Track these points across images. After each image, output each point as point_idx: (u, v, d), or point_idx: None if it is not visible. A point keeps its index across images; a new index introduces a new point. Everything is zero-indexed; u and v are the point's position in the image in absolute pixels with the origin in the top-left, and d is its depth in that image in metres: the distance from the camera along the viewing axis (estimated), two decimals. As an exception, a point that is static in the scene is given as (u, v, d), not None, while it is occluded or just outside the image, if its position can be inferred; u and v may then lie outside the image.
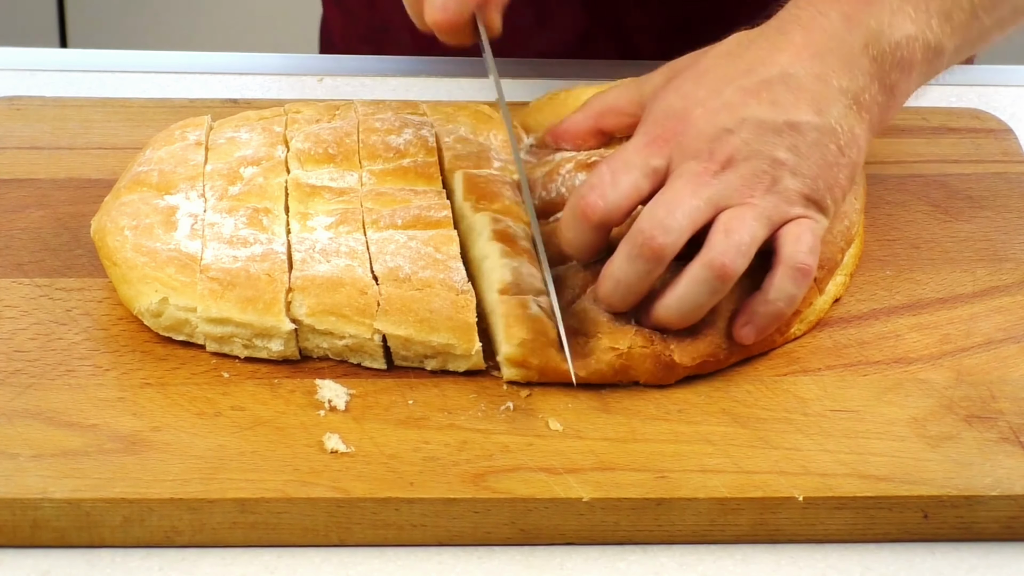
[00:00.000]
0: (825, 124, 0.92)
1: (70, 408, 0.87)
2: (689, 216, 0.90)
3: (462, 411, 0.89)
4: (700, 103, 0.93)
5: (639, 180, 0.92)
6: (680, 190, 0.91)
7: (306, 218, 0.96)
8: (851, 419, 0.89)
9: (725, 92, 0.93)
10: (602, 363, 0.90)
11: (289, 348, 0.91)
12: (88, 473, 0.83)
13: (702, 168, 0.91)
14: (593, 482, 0.84)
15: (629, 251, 0.90)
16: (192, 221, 0.95)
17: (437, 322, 0.89)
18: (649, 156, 0.93)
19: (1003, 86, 1.27)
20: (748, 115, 0.92)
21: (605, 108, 1.04)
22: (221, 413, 0.88)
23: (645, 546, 0.84)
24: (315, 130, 1.03)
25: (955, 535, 0.85)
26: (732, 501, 0.83)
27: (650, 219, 0.90)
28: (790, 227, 0.91)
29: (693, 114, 0.93)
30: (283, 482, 0.83)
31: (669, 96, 0.95)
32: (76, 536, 0.83)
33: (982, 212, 1.07)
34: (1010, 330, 0.96)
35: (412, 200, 0.97)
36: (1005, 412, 0.89)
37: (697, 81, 0.95)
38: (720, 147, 0.91)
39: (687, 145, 0.92)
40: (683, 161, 0.92)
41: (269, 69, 1.27)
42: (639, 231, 0.90)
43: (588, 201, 0.92)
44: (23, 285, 0.96)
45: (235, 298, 0.90)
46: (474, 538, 0.84)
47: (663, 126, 0.94)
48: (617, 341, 0.90)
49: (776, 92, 0.92)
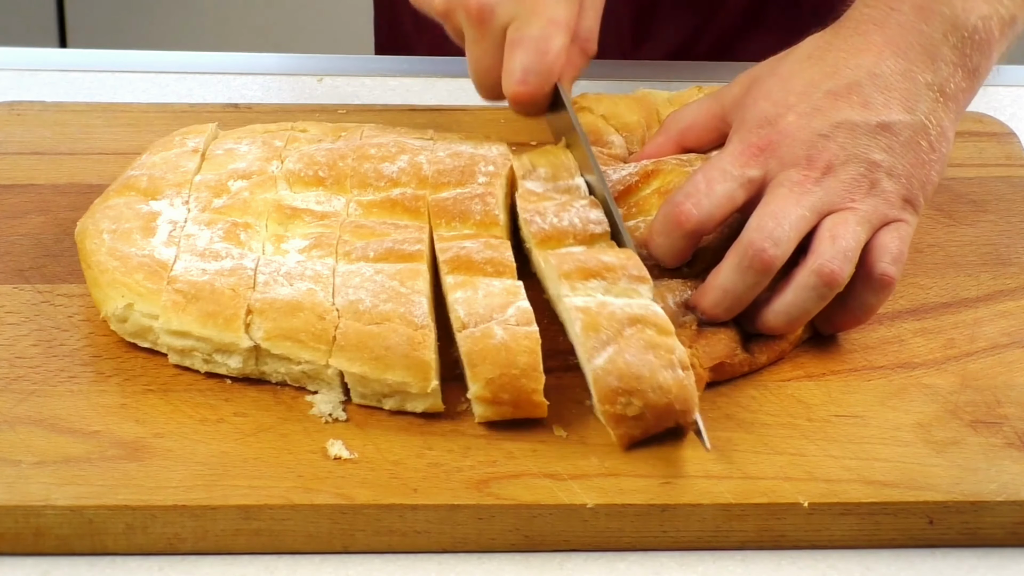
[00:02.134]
0: (916, 122, 0.93)
1: (72, 415, 0.87)
2: (796, 226, 0.91)
3: (465, 416, 0.88)
4: (791, 108, 0.94)
5: (735, 190, 0.93)
6: (784, 199, 0.91)
7: (281, 240, 0.94)
8: (856, 424, 0.89)
9: (814, 96, 0.94)
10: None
11: (248, 366, 0.90)
12: (91, 480, 0.83)
13: (802, 176, 0.92)
14: (597, 488, 0.84)
15: (739, 263, 0.90)
16: (171, 228, 0.94)
17: (392, 359, 0.87)
18: (745, 166, 0.93)
19: (1003, 86, 1.27)
20: (842, 119, 0.93)
21: (685, 127, 1.03)
22: (224, 419, 0.87)
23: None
24: (310, 151, 1.01)
25: (960, 541, 0.85)
26: (737, 507, 0.83)
27: (758, 230, 0.90)
28: (880, 235, 0.92)
29: (786, 120, 0.93)
30: (286, 489, 0.83)
31: (759, 103, 0.95)
32: (79, 543, 0.82)
33: (986, 216, 1.07)
34: (1015, 335, 0.96)
35: (390, 234, 0.95)
36: (1010, 417, 0.89)
37: (785, 87, 0.95)
38: (818, 154, 0.92)
39: (784, 154, 0.93)
40: (782, 170, 0.92)
41: (269, 69, 1.27)
42: (749, 243, 0.90)
43: (683, 209, 0.92)
44: (24, 291, 0.96)
45: (196, 312, 0.89)
46: (478, 545, 0.83)
47: (757, 135, 0.94)
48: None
49: (866, 93, 0.93)
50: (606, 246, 0.94)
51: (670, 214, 0.93)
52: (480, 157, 1.00)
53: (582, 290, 0.89)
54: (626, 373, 0.85)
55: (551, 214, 0.95)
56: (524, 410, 0.87)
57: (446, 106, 1.18)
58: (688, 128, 1.02)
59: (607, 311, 0.87)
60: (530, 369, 0.86)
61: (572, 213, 0.95)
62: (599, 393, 0.86)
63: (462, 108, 1.17)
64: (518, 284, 0.91)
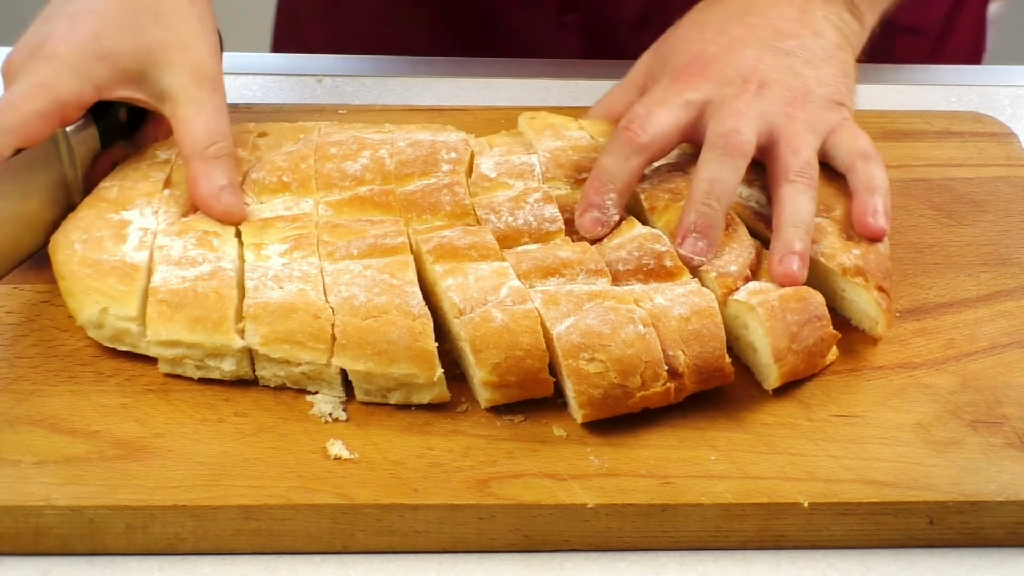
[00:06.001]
0: (825, 43, 1.02)
1: (72, 415, 0.87)
2: (753, 124, 0.96)
3: (466, 417, 0.88)
4: (711, 43, 1.00)
5: (676, 111, 0.97)
6: (733, 105, 0.96)
7: (260, 247, 0.94)
8: (856, 424, 0.89)
9: (730, 30, 1.00)
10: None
11: (242, 368, 0.90)
12: (91, 480, 0.83)
13: (740, 90, 0.97)
14: (598, 488, 0.84)
15: (716, 155, 0.94)
16: (142, 234, 0.94)
17: (396, 352, 0.87)
18: (681, 92, 0.97)
19: (1003, 86, 1.27)
20: (760, 43, 0.99)
21: (611, 110, 1.05)
22: (224, 419, 0.87)
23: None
24: (272, 157, 1.01)
25: (961, 541, 0.85)
26: (737, 507, 0.83)
27: (721, 126, 0.95)
28: (840, 134, 0.98)
29: (710, 52, 0.99)
30: (287, 489, 0.83)
31: (678, 49, 1.01)
32: (79, 543, 0.82)
33: (985, 216, 1.07)
34: (1015, 335, 0.96)
35: (369, 230, 0.95)
36: (1010, 417, 0.89)
37: (700, 31, 1.01)
38: (750, 72, 0.98)
39: (717, 76, 0.98)
40: (718, 89, 0.97)
41: (269, 69, 1.27)
42: (716, 135, 0.94)
43: (630, 129, 0.96)
44: (24, 291, 0.96)
45: (184, 319, 0.89)
46: (478, 544, 0.83)
47: (686, 66, 0.99)
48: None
49: (775, 22, 1.00)
50: (561, 242, 0.94)
51: (619, 135, 0.96)
52: (441, 144, 1.01)
53: (541, 288, 0.90)
54: (588, 331, 0.87)
55: (506, 212, 0.96)
56: (530, 390, 0.88)
57: (446, 106, 1.18)
58: (614, 111, 1.04)
59: (565, 290, 0.89)
60: (534, 349, 0.87)
61: (527, 211, 0.96)
62: (562, 349, 0.86)
63: (462, 108, 1.17)
64: (505, 264, 0.91)
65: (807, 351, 0.90)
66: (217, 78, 0.99)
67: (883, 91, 1.25)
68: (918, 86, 1.27)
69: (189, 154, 0.96)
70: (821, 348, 0.91)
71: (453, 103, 1.20)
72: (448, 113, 1.16)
